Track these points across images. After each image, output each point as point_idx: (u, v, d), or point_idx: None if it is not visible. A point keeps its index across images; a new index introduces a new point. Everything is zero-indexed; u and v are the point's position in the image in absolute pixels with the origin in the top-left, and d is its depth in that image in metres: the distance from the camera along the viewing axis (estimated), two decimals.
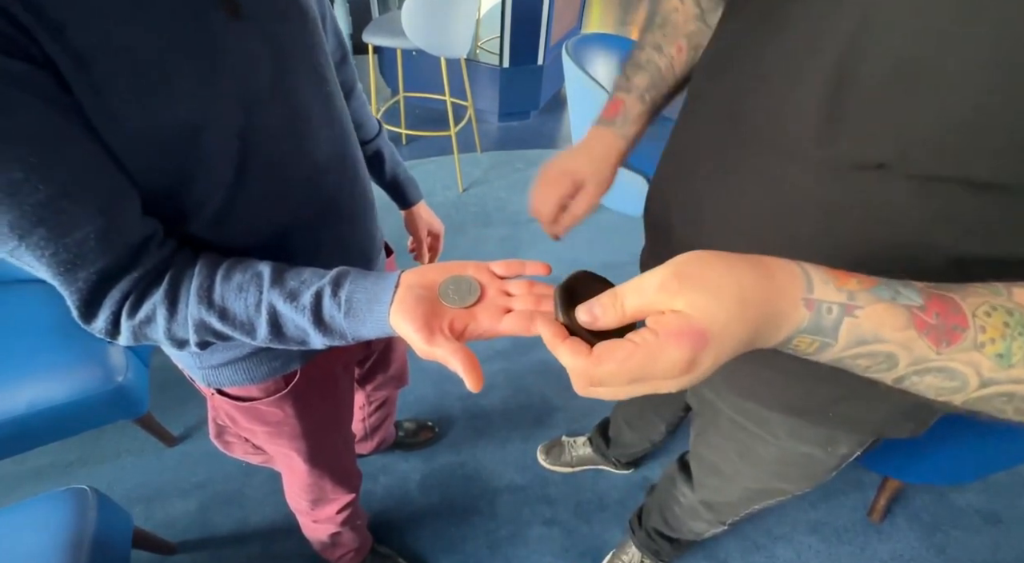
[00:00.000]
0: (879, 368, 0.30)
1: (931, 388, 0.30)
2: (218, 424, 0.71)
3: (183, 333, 0.43)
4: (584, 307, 0.32)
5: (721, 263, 0.29)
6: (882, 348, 0.29)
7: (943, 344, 0.29)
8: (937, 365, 0.29)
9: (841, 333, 0.29)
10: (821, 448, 0.58)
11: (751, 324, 0.29)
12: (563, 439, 1.40)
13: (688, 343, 0.28)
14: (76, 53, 0.33)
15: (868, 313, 0.29)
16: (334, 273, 0.43)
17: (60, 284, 0.39)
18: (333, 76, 0.54)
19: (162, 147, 0.39)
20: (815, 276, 0.30)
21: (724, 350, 0.29)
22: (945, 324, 0.29)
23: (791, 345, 0.31)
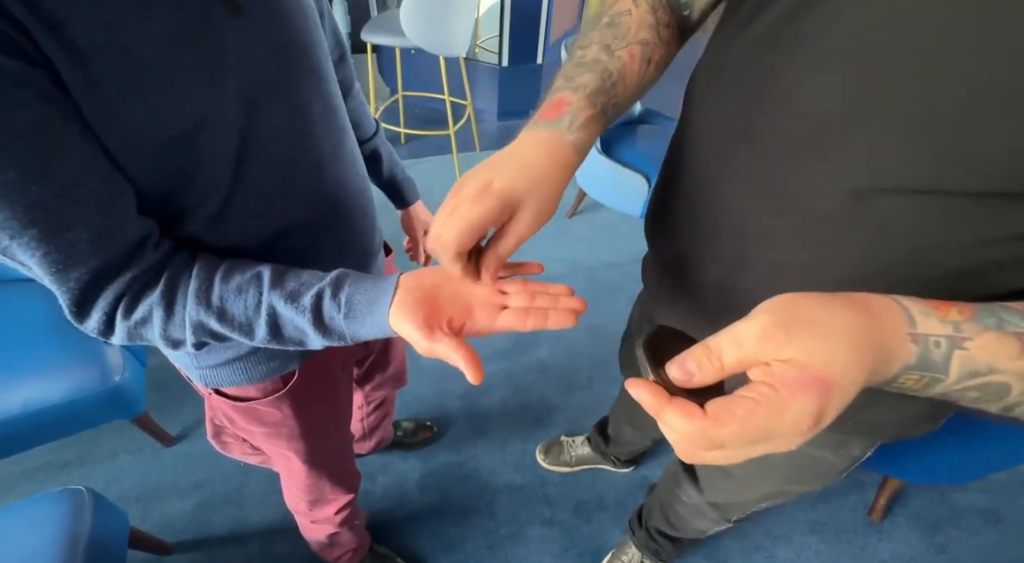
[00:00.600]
0: (988, 398, 0.29)
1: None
2: (215, 424, 0.70)
3: (179, 334, 0.43)
4: (676, 363, 0.29)
5: (817, 305, 0.28)
6: (996, 379, 0.28)
7: None
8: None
9: (952, 367, 0.28)
10: (833, 452, 0.58)
11: (868, 365, 0.27)
12: (562, 439, 1.40)
13: (815, 393, 0.26)
14: (74, 51, 0.32)
15: (979, 345, 0.28)
16: (334, 275, 0.44)
17: (52, 283, 0.39)
18: (332, 75, 0.53)
19: (161, 146, 0.39)
20: (914, 309, 0.29)
21: (847, 397, 0.27)
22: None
23: (898, 383, 0.29)
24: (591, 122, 0.42)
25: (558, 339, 1.70)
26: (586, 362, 1.65)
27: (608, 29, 0.47)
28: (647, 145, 1.94)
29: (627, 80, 0.46)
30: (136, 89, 0.35)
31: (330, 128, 0.52)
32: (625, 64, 0.46)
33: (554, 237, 2.11)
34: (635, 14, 0.47)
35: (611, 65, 0.45)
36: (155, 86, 0.36)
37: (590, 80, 0.44)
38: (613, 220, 2.20)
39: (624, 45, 0.46)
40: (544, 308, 0.40)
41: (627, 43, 0.46)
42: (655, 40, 0.47)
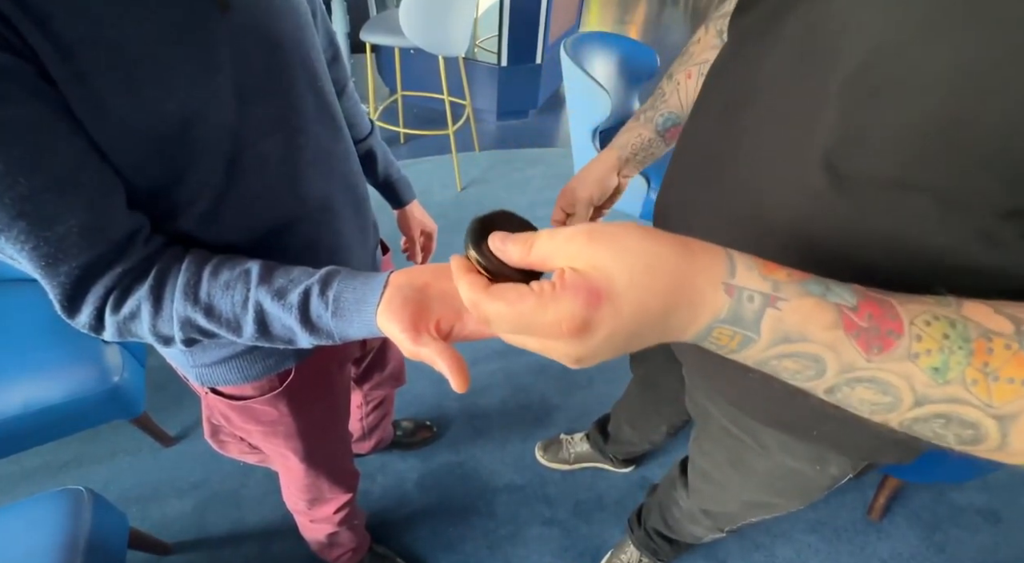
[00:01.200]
0: (807, 375, 0.28)
1: (864, 403, 0.28)
2: (213, 423, 0.70)
3: (168, 329, 0.43)
4: (499, 234, 0.31)
5: (641, 232, 0.27)
6: (808, 349, 0.27)
7: (874, 350, 0.26)
8: (868, 375, 0.27)
9: (763, 327, 0.27)
10: (811, 465, 0.58)
11: (660, 296, 0.26)
12: (561, 436, 1.40)
13: (582, 299, 0.26)
14: (61, 45, 0.32)
15: (793, 307, 0.26)
16: (323, 272, 0.43)
17: (42, 277, 0.38)
18: (325, 72, 0.53)
19: (152, 142, 0.39)
20: (740, 262, 0.27)
21: (623, 318, 0.26)
22: (878, 328, 0.26)
23: (711, 338, 0.28)
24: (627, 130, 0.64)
25: None
26: None
27: (678, 61, 0.62)
28: None
29: (682, 93, 0.60)
30: (124, 83, 0.35)
31: (324, 126, 0.52)
32: (679, 83, 0.60)
33: None
34: (703, 40, 0.60)
35: (666, 87, 0.62)
36: (144, 81, 0.36)
37: (646, 104, 0.63)
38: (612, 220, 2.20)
39: (684, 69, 0.60)
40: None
41: (687, 67, 0.60)
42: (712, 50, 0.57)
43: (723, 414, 0.63)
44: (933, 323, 0.26)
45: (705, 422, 0.69)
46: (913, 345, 0.26)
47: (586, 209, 0.64)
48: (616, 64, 1.96)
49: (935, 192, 0.32)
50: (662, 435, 1.10)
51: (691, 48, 0.62)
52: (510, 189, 2.37)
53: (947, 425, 0.27)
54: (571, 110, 1.88)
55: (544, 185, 2.41)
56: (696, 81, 0.59)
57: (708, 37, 0.60)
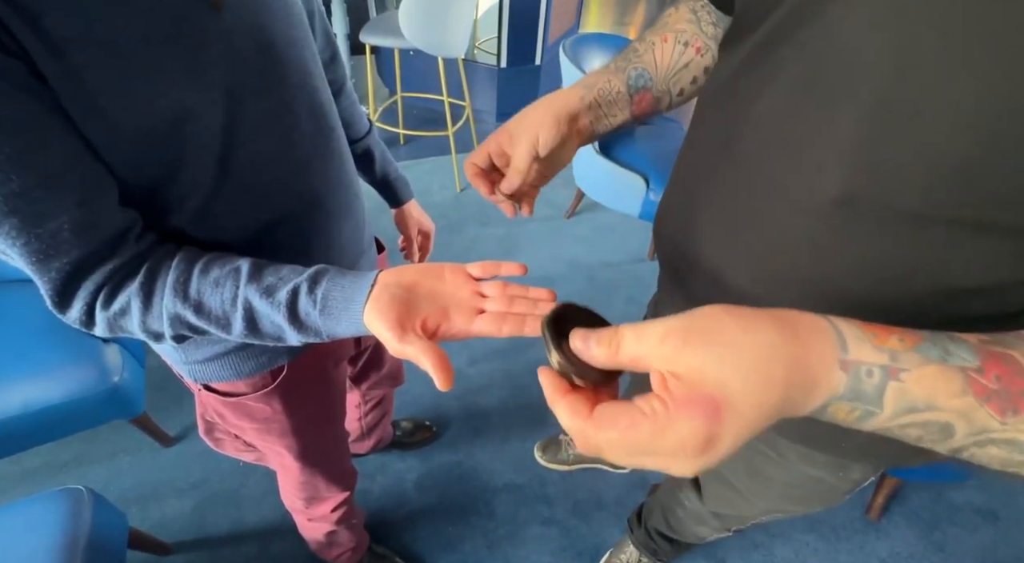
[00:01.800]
0: (933, 438, 0.27)
1: (995, 460, 0.27)
2: (207, 420, 0.70)
3: (158, 326, 0.43)
4: (582, 333, 0.29)
5: (736, 321, 0.26)
6: (937, 417, 0.25)
7: (1008, 413, 0.25)
8: (1003, 437, 0.25)
9: (887, 400, 0.25)
10: (832, 473, 0.56)
11: (778, 390, 0.25)
12: (560, 437, 1.40)
13: (701, 415, 0.24)
14: (51, 43, 0.33)
15: (915, 377, 0.25)
16: (312, 270, 0.43)
17: (33, 273, 0.39)
18: (320, 71, 0.54)
19: (143, 139, 0.39)
20: (848, 332, 0.26)
21: (747, 423, 0.25)
22: (1009, 390, 0.25)
23: (828, 413, 0.27)
24: (592, 73, 0.53)
25: None
26: None
27: (649, 28, 0.55)
28: (646, 145, 1.94)
29: (657, 54, 0.52)
30: (116, 81, 0.36)
31: (317, 125, 0.53)
32: (654, 44, 0.53)
33: (552, 237, 2.12)
34: (675, 15, 0.54)
35: (639, 46, 0.53)
36: (136, 78, 0.36)
37: (618, 57, 0.54)
38: (611, 220, 2.20)
39: (659, 34, 0.53)
40: (522, 314, 0.39)
41: (661, 31, 0.53)
42: (694, 31, 0.52)
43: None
44: None
45: None
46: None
47: (526, 161, 0.49)
48: None
49: (956, 223, 0.31)
50: None
51: (662, 19, 0.55)
52: None
53: None
54: None
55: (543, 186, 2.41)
56: (672, 45, 0.52)
57: (681, 12, 0.54)
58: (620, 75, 0.52)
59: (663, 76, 0.52)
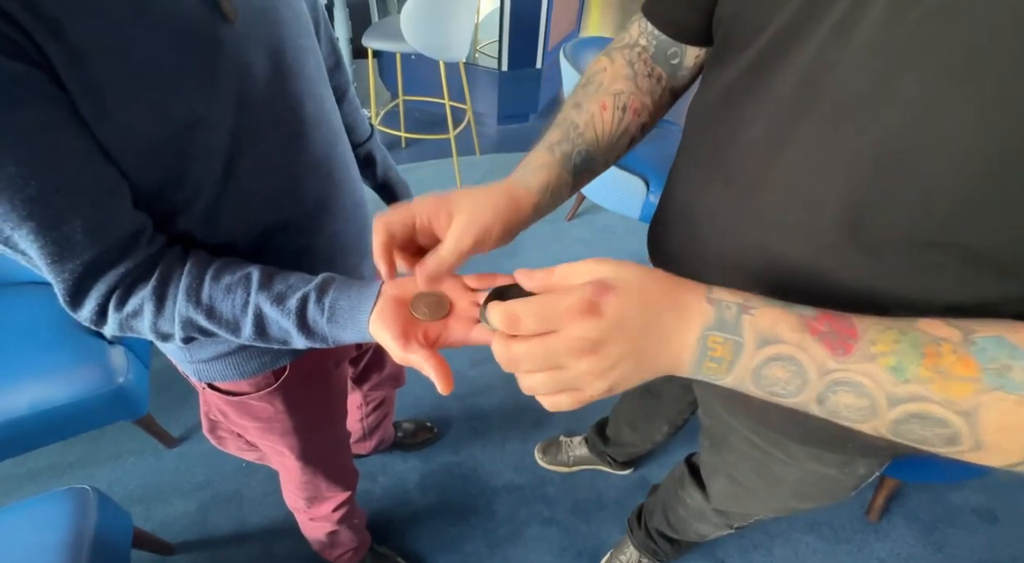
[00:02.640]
0: (796, 385, 0.31)
1: (849, 409, 0.31)
2: (210, 419, 0.71)
3: (168, 328, 0.45)
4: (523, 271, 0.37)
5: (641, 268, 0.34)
6: (785, 350, 0.31)
7: (839, 351, 0.30)
8: (842, 377, 0.30)
9: (745, 331, 0.31)
10: (839, 469, 0.58)
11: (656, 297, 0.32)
12: (560, 438, 1.41)
13: (590, 287, 0.31)
14: (72, 53, 0.34)
15: (762, 313, 0.31)
16: (319, 279, 0.45)
17: (49, 273, 0.40)
18: (325, 78, 0.55)
19: (155, 145, 0.40)
20: (714, 286, 0.33)
21: (628, 305, 0.31)
22: (837, 333, 0.30)
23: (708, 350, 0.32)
24: (545, 167, 0.48)
25: None
26: None
27: (582, 89, 0.52)
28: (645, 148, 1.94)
29: (598, 127, 0.50)
30: (131, 90, 0.37)
31: (322, 130, 0.54)
32: (593, 114, 0.50)
33: (553, 239, 2.13)
34: (610, 70, 0.51)
35: (578, 118, 0.50)
36: (149, 87, 0.38)
37: (554, 136, 0.50)
38: (611, 222, 2.21)
39: (595, 99, 0.50)
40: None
41: (599, 97, 0.50)
42: (631, 90, 0.51)
43: (747, 428, 0.62)
44: (886, 332, 0.30)
45: (725, 433, 0.67)
46: (869, 348, 0.30)
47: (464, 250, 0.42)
48: None
49: (961, 250, 0.33)
50: (664, 434, 1.10)
51: (597, 77, 0.51)
52: None
53: (924, 425, 0.29)
54: None
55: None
56: (612, 113, 0.50)
57: (616, 67, 0.51)
58: (567, 164, 0.49)
59: (604, 148, 0.51)
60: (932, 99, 0.30)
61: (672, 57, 0.51)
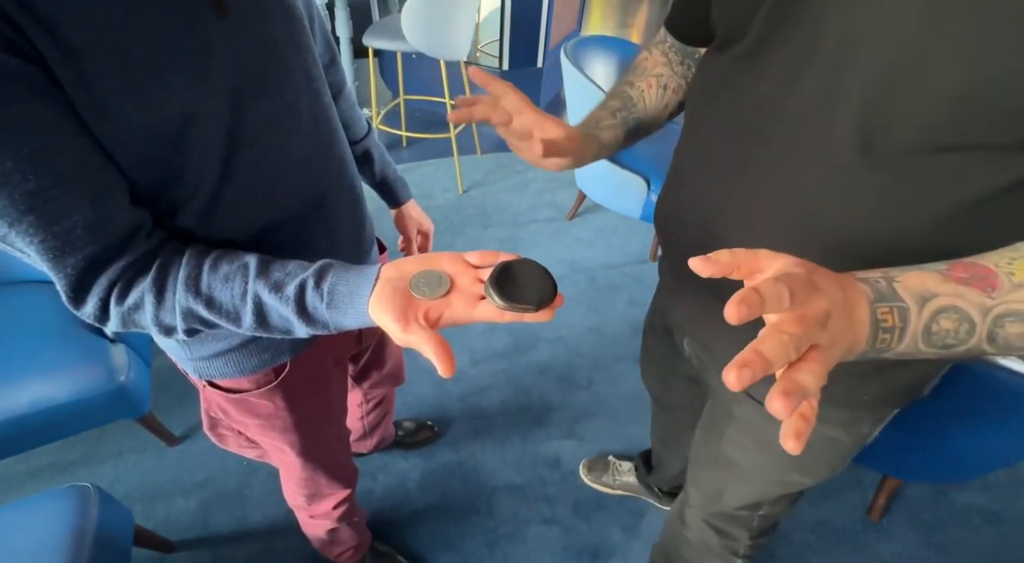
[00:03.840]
0: (966, 329, 0.33)
1: (1021, 337, 0.33)
2: (211, 416, 0.72)
3: (170, 320, 0.44)
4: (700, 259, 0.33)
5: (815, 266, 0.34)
6: (945, 302, 0.33)
7: (988, 289, 0.32)
8: (1003, 309, 0.32)
9: (904, 296, 0.33)
10: (844, 430, 0.59)
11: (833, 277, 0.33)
12: (610, 459, 1.37)
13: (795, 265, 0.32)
14: (67, 48, 0.34)
15: (908, 277, 0.33)
16: (317, 266, 0.45)
17: (50, 269, 0.40)
18: (320, 74, 0.55)
19: (151, 141, 0.41)
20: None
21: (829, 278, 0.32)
22: (976, 275, 0.33)
23: (880, 320, 0.33)
24: (610, 128, 0.61)
25: (558, 340, 1.71)
26: (586, 362, 1.66)
27: (631, 72, 0.66)
28: (646, 147, 1.93)
29: (647, 101, 0.64)
30: (126, 86, 0.37)
31: (318, 127, 0.54)
32: (644, 90, 0.64)
33: (554, 239, 2.13)
34: (651, 59, 0.65)
35: (632, 92, 0.64)
36: (144, 83, 0.38)
37: (614, 103, 0.63)
38: (612, 222, 2.21)
39: (642, 78, 0.64)
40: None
41: (644, 77, 0.64)
42: (669, 73, 0.64)
43: (759, 393, 0.61)
44: (1015, 261, 0.33)
45: (732, 406, 0.67)
46: (1011, 279, 0.33)
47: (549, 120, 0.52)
48: (617, 68, 1.98)
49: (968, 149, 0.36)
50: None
51: (642, 64, 0.65)
52: (511, 192, 2.39)
53: None
54: (572, 114, 1.89)
55: (544, 187, 2.42)
56: (656, 90, 0.63)
57: (655, 56, 0.64)
58: (624, 128, 0.62)
59: (651, 117, 0.64)
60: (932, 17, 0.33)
61: (693, 52, 0.63)
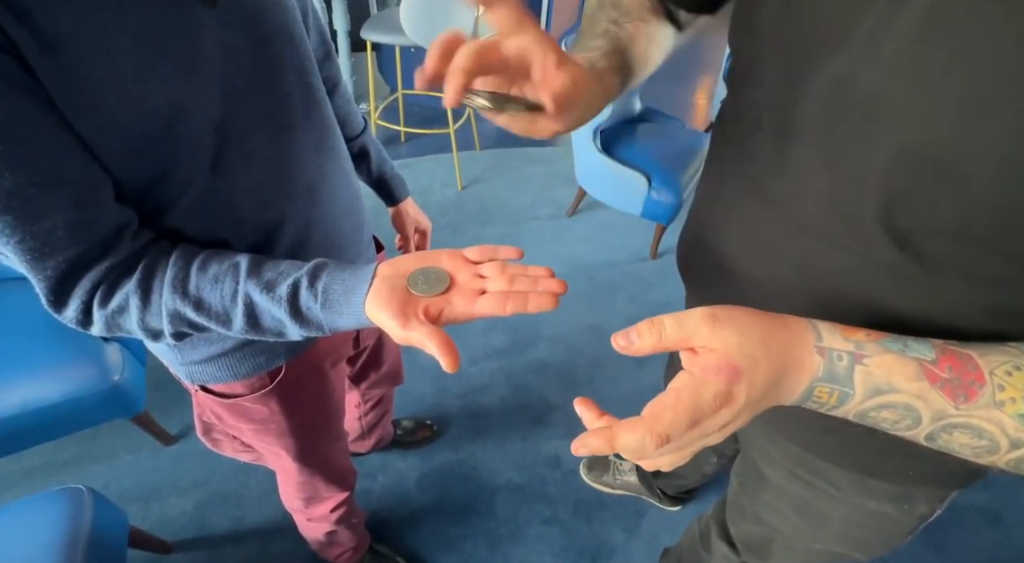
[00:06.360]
0: (906, 424, 0.31)
1: (965, 447, 0.30)
2: (204, 421, 0.70)
3: (157, 323, 0.43)
4: (621, 334, 0.33)
5: (747, 312, 0.32)
6: (899, 399, 0.30)
7: (960, 399, 0.29)
8: (960, 421, 0.29)
9: (856, 382, 0.30)
10: (895, 506, 0.52)
11: (775, 364, 0.30)
12: (610, 458, 1.35)
13: (725, 376, 0.30)
14: (41, 39, 0.32)
15: (877, 362, 0.30)
16: (311, 265, 0.43)
17: (29, 271, 0.39)
18: (314, 69, 0.53)
19: (137, 137, 0.39)
20: (823, 327, 0.32)
21: (755, 386, 0.30)
22: (960, 379, 0.29)
23: (814, 397, 0.32)
24: (607, 73, 0.45)
25: (557, 338, 1.70)
26: (586, 361, 1.65)
27: (611, 8, 0.52)
28: (647, 143, 1.93)
29: (636, 48, 0.50)
30: (108, 78, 0.35)
31: (312, 123, 0.52)
32: (632, 35, 0.50)
33: (554, 236, 2.11)
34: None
35: (620, 34, 0.50)
36: (127, 75, 0.36)
37: (602, 44, 0.48)
38: (613, 219, 2.19)
39: (628, 20, 0.51)
40: (524, 292, 0.39)
41: (630, 18, 0.51)
42: (654, 20, 0.52)
43: (789, 458, 0.57)
44: (1015, 373, 0.29)
45: (763, 466, 0.62)
46: (997, 394, 0.29)
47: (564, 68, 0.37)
48: None
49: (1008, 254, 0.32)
50: (713, 465, 1.04)
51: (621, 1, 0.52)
52: (511, 188, 2.37)
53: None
54: None
55: (544, 184, 2.40)
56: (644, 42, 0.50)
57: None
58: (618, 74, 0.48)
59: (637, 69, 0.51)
60: (971, 107, 0.29)
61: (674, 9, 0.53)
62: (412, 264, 0.41)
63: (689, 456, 0.34)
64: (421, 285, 0.40)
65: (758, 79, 0.42)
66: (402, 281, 0.40)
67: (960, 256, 0.33)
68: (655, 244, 2.02)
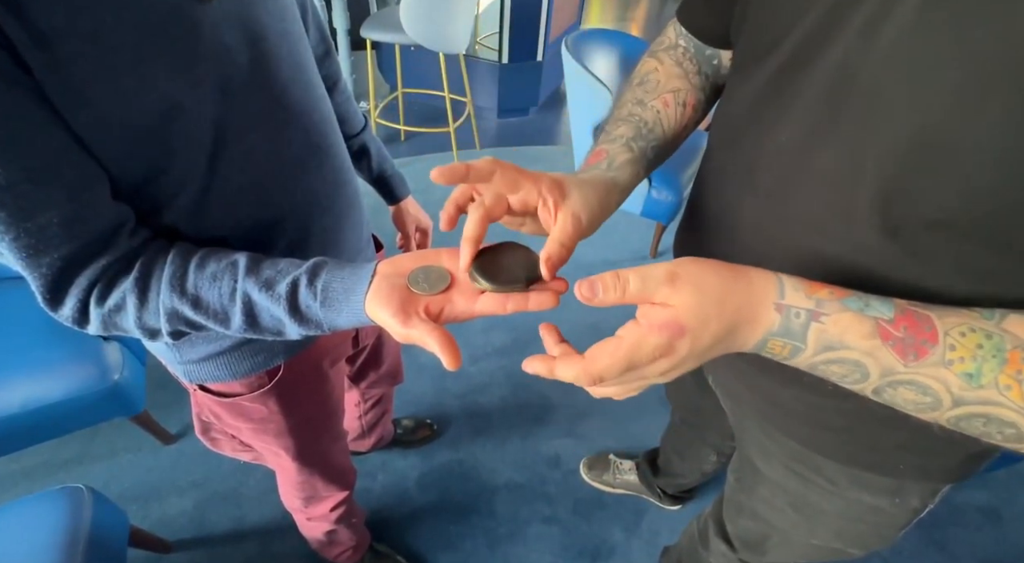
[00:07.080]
0: (853, 378, 0.32)
1: (908, 402, 0.32)
2: (203, 420, 0.70)
3: (154, 322, 0.42)
4: (587, 282, 0.34)
5: (709, 267, 0.33)
6: (849, 355, 0.31)
7: (910, 357, 0.30)
8: (906, 378, 0.30)
9: (809, 338, 0.31)
10: (889, 499, 0.54)
11: (726, 322, 0.32)
12: (610, 457, 1.35)
13: (667, 333, 0.31)
14: (36, 33, 0.32)
15: (834, 320, 0.31)
16: (311, 263, 0.43)
17: (24, 269, 0.39)
18: (313, 66, 0.53)
19: (132, 134, 0.39)
20: (788, 284, 0.32)
21: (700, 340, 0.32)
22: (913, 338, 0.30)
23: (766, 348, 0.33)
24: (628, 164, 0.48)
25: None
26: None
27: (639, 87, 0.54)
28: None
29: (665, 125, 0.52)
30: (102, 73, 0.35)
31: (312, 120, 0.52)
32: (660, 111, 0.52)
33: None
34: (662, 70, 0.54)
35: (646, 114, 0.52)
36: (122, 71, 0.36)
37: (625, 131, 0.50)
38: (612, 217, 2.14)
39: (656, 96, 0.53)
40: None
41: (659, 93, 0.53)
42: (687, 87, 0.54)
43: (785, 452, 0.57)
44: (968, 334, 0.30)
45: (760, 462, 0.62)
46: (947, 354, 0.29)
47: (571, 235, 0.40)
48: (617, 61, 1.95)
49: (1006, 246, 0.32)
50: (713, 464, 1.05)
51: (652, 77, 0.53)
52: None
53: (988, 424, 0.30)
54: (572, 108, 1.87)
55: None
56: (674, 109, 0.52)
57: (667, 67, 0.54)
58: (643, 160, 0.50)
59: (670, 141, 0.53)
60: (967, 98, 0.29)
61: (711, 58, 0.54)
62: (412, 262, 0.41)
63: (633, 392, 0.36)
64: (422, 283, 0.40)
65: (755, 72, 0.42)
66: (402, 279, 0.39)
67: (953, 248, 0.33)
68: (655, 243, 2.02)
